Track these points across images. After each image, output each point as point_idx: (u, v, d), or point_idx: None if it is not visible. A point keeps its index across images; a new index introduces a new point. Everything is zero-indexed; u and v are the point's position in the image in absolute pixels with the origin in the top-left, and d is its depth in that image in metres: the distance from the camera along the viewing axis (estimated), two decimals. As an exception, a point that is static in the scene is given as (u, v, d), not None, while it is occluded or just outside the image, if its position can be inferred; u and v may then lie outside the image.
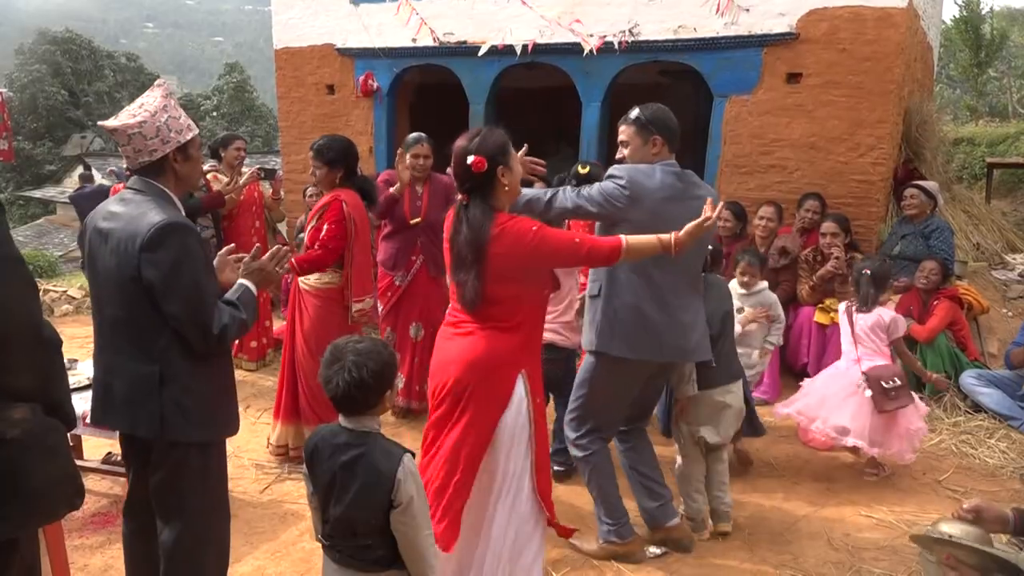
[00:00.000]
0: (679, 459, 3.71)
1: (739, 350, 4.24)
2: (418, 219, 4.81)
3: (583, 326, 3.32)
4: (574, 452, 3.39)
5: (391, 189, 4.74)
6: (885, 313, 4.22)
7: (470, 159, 2.61)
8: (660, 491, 3.46)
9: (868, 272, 4.21)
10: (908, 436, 4.06)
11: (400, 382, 4.95)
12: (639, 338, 3.10)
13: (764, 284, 4.47)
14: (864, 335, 4.18)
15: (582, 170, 4.01)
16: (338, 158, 4.05)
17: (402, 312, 4.95)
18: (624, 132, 3.16)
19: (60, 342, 2.00)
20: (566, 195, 3.05)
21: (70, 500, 2.04)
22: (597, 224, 3.21)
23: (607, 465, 3.37)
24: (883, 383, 4.00)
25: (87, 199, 11.07)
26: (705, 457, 3.65)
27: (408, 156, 4.79)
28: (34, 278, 1.98)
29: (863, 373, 4.07)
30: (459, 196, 2.72)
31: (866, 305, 4.20)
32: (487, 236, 2.58)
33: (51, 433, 1.95)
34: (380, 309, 5.00)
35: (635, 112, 3.15)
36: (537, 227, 2.62)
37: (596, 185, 3.08)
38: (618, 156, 3.22)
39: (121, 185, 10.48)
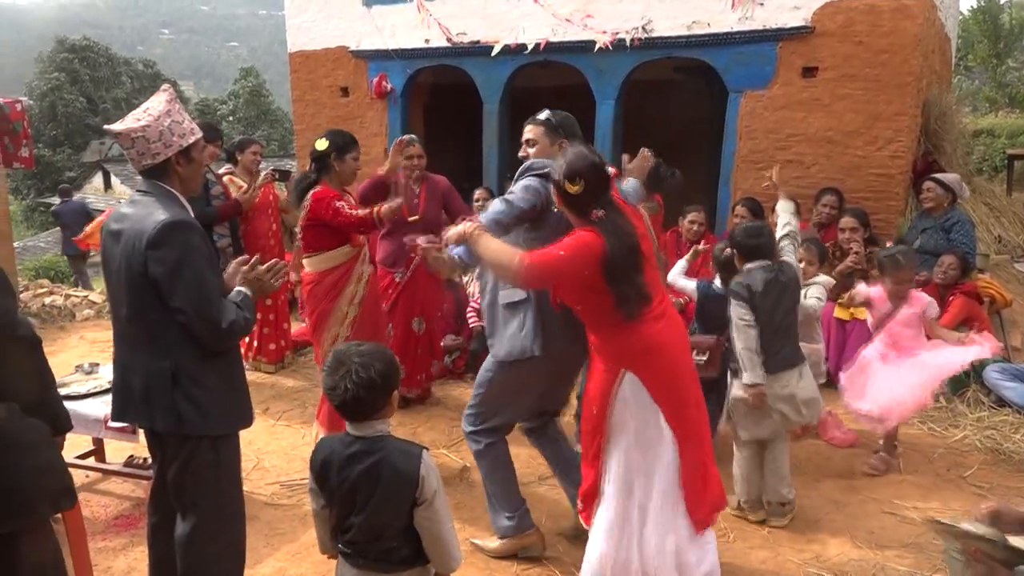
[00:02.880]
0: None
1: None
2: (416, 216, 4.87)
3: (503, 334, 3.11)
4: (473, 446, 3.30)
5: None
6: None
7: (611, 170, 2.71)
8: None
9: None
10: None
11: (437, 367, 5.26)
12: (565, 332, 3.02)
13: (821, 279, 4.24)
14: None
15: None
16: None
17: (402, 308, 5.03)
18: (533, 131, 3.15)
19: (37, 341, 2.02)
20: (503, 202, 2.97)
21: (55, 499, 2.06)
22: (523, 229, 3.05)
23: (507, 456, 3.32)
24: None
25: (69, 213, 11.66)
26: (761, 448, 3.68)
27: (402, 157, 4.84)
28: (6, 278, 1.99)
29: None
30: (598, 213, 2.66)
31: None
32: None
33: (29, 432, 1.97)
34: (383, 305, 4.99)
35: (546, 114, 3.18)
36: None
37: (520, 185, 2.99)
38: (521, 154, 3.19)
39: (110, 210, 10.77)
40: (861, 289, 4.25)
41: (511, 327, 3.08)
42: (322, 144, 3.92)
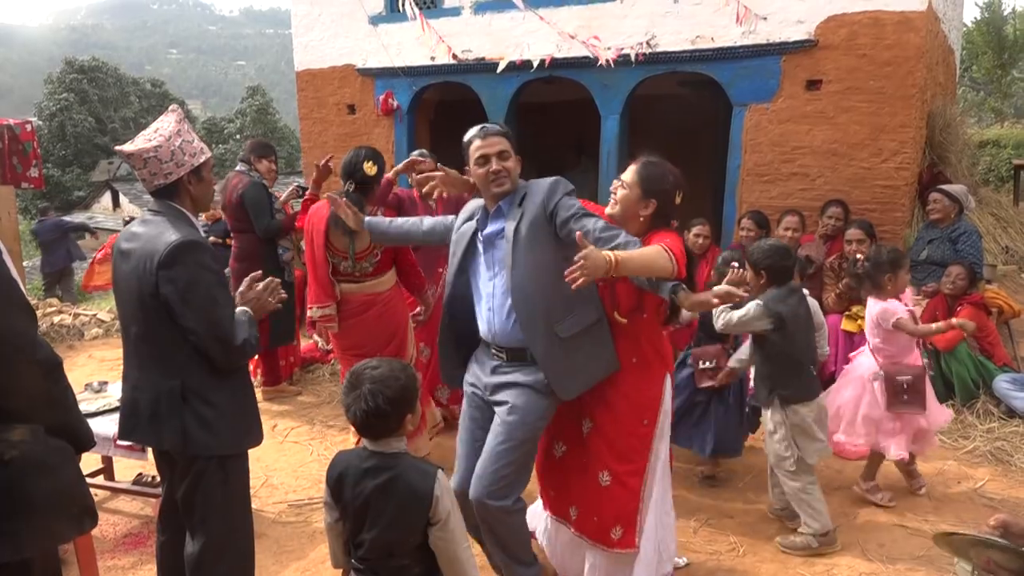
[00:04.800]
0: (790, 482, 3.50)
1: None
2: None
3: (572, 369, 2.77)
4: (518, 516, 2.81)
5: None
6: (875, 306, 3.95)
7: None
8: None
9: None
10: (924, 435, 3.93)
11: (446, 393, 4.85)
12: None
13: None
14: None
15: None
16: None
17: (434, 328, 4.79)
18: (504, 144, 2.82)
19: (58, 362, 2.03)
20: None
21: (77, 522, 2.06)
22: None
23: None
24: (897, 378, 3.78)
25: (44, 232, 12.14)
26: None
27: (414, 173, 4.80)
28: (26, 299, 2.01)
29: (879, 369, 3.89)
30: (675, 221, 2.87)
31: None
32: None
33: (53, 453, 1.98)
34: (412, 326, 4.78)
35: (504, 127, 2.92)
36: None
37: (578, 205, 2.75)
38: (495, 167, 2.78)
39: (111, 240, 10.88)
40: (904, 317, 3.85)
41: (581, 355, 2.77)
42: (372, 168, 3.89)
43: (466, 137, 2.90)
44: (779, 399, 3.47)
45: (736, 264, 3.76)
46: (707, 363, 4.03)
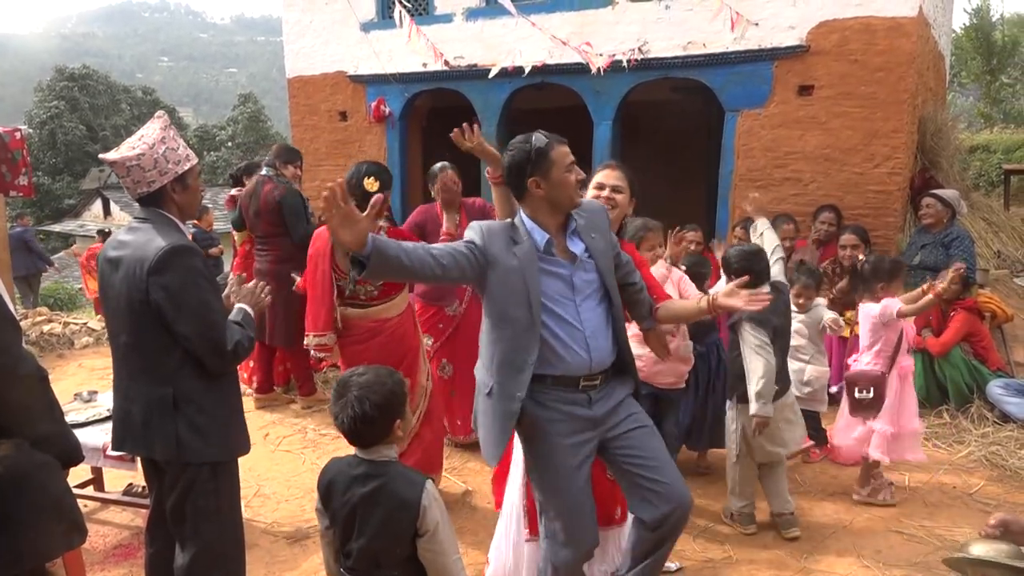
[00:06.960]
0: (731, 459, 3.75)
1: (792, 366, 4.11)
2: None
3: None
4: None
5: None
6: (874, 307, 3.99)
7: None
8: None
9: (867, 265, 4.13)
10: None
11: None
12: None
13: (820, 300, 4.34)
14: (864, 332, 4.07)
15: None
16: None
17: (461, 344, 4.53)
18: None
19: (43, 375, 2.00)
20: None
21: (66, 538, 2.03)
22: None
23: None
24: (856, 390, 3.91)
25: (13, 238, 12.29)
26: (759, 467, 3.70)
27: (433, 184, 4.69)
28: (10, 312, 1.98)
29: (844, 377, 4.06)
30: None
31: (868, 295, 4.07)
32: None
33: (38, 469, 1.95)
34: (432, 342, 4.62)
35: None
36: None
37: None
38: (581, 176, 2.67)
39: (99, 245, 10.87)
40: (910, 332, 4.05)
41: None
42: (373, 185, 3.64)
43: (537, 143, 2.54)
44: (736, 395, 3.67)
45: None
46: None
